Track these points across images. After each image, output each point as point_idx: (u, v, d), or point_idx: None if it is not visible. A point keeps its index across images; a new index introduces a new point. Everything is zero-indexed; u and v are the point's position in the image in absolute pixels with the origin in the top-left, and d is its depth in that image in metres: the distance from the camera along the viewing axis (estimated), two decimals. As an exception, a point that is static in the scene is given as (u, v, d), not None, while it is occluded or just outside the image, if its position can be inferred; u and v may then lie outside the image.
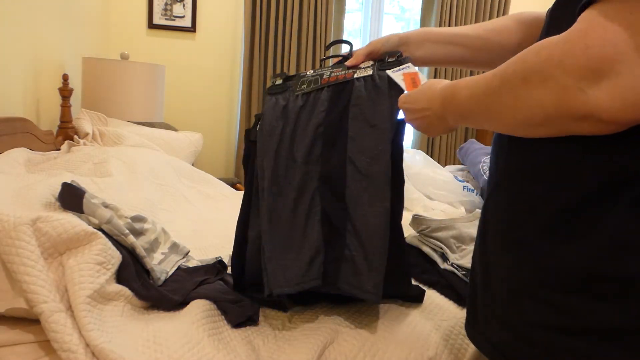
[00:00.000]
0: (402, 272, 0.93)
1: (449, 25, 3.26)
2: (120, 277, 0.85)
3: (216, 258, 1.03)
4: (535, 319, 0.54)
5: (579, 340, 0.50)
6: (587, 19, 0.44)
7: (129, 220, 0.98)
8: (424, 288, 1.05)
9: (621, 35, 0.42)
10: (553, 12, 0.58)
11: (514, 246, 0.57)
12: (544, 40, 0.48)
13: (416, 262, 1.16)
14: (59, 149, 1.77)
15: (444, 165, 3.35)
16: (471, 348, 0.85)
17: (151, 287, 0.87)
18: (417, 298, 0.97)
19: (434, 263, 1.14)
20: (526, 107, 0.49)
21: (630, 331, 0.47)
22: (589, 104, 0.44)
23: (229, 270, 1.03)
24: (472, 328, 0.68)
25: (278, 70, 3.09)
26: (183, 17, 2.99)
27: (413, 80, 0.86)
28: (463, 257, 1.12)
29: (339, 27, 3.20)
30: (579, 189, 0.51)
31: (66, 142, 1.77)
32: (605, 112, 0.43)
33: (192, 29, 3.01)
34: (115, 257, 0.85)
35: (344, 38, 3.25)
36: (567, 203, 0.52)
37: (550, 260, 0.53)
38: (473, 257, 0.70)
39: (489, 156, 1.38)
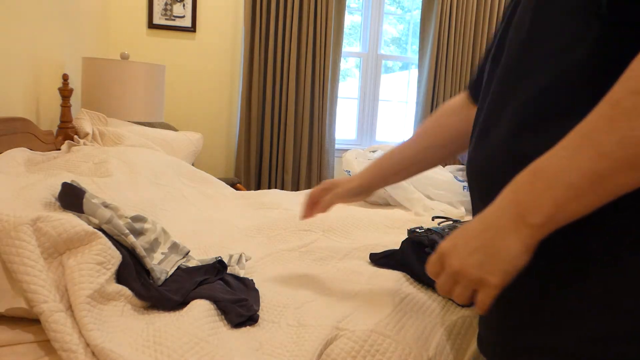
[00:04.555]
0: None
1: (449, 25, 3.26)
2: (120, 277, 0.85)
3: (216, 258, 1.03)
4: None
5: None
6: None
7: (129, 220, 0.98)
8: (423, 288, 1.05)
9: None
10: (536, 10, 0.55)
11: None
12: None
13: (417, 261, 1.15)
14: (59, 149, 1.77)
15: (444, 165, 3.35)
16: (471, 348, 0.85)
17: (151, 287, 0.87)
18: None
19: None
20: None
21: None
22: None
23: (230, 270, 1.03)
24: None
25: (278, 71, 3.09)
26: (183, 17, 2.99)
27: None
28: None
29: (339, 27, 3.20)
30: None
31: (66, 142, 1.77)
32: None
33: (192, 29, 3.01)
34: (115, 257, 0.84)
35: (344, 38, 3.25)
36: None
37: None
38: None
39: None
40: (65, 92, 1.94)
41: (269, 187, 3.21)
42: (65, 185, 0.93)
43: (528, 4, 0.57)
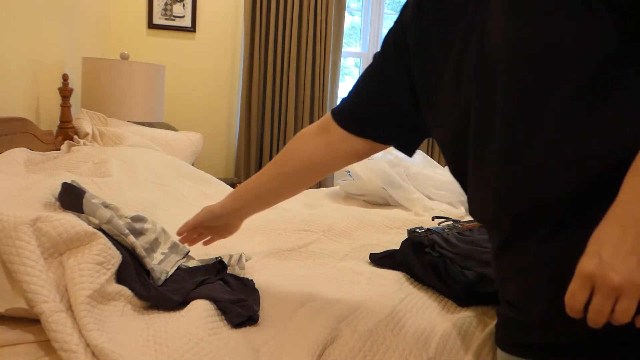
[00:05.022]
0: None
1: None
2: (120, 277, 0.85)
3: (216, 258, 1.03)
4: None
5: None
6: None
7: (129, 220, 0.98)
8: (423, 288, 1.05)
9: None
10: None
11: None
12: None
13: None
14: (59, 149, 1.77)
15: (444, 165, 3.35)
16: (471, 349, 0.85)
17: (151, 287, 0.87)
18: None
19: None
20: None
21: None
22: None
23: (229, 270, 1.03)
24: None
25: (278, 71, 3.10)
26: (183, 17, 2.99)
27: None
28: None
29: (339, 27, 3.20)
30: None
31: (66, 142, 1.77)
32: None
33: (192, 29, 3.01)
34: (115, 257, 0.84)
35: (344, 38, 3.25)
36: None
37: None
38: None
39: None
40: (65, 92, 1.94)
41: (269, 187, 3.20)
42: (65, 186, 0.93)
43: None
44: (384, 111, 0.84)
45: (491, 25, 0.62)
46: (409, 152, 0.89)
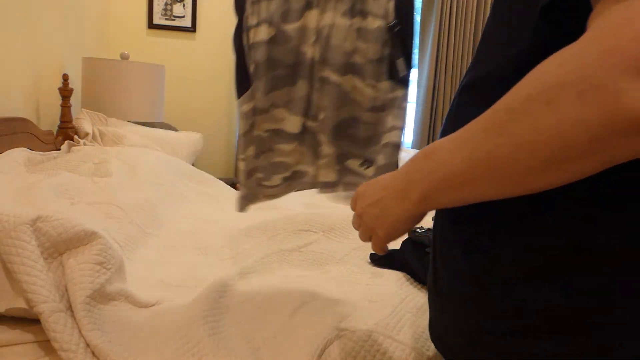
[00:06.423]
0: None
1: (449, 25, 3.26)
2: (121, 277, 0.85)
3: None
4: None
5: None
6: (625, 6, 0.35)
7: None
8: (424, 288, 1.05)
9: None
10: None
11: None
12: (562, 50, 0.38)
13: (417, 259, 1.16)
14: (59, 149, 1.77)
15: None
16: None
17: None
18: None
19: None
20: (555, 137, 0.37)
21: None
22: None
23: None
24: None
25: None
26: (183, 17, 2.99)
27: None
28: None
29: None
30: None
31: (66, 142, 1.77)
32: None
33: (192, 29, 3.01)
34: (115, 257, 0.84)
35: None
36: None
37: None
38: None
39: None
40: (65, 92, 1.94)
41: (269, 187, 3.20)
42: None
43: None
44: None
45: None
46: None
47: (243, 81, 0.91)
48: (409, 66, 0.91)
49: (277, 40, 0.87)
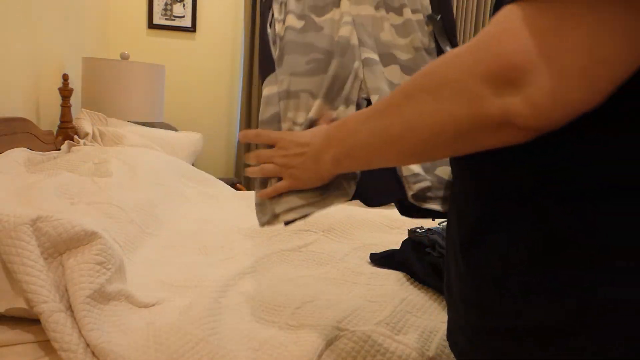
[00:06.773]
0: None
1: (449, 25, 3.26)
2: (121, 277, 0.85)
3: None
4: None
5: None
6: (505, 19, 0.41)
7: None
8: (424, 288, 1.05)
9: (533, 41, 0.39)
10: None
11: None
12: (455, 49, 0.45)
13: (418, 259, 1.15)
14: (59, 149, 1.77)
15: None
16: (471, 348, 0.85)
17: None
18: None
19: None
20: (434, 123, 0.45)
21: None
22: (504, 110, 0.41)
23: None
24: None
25: (278, 70, 3.09)
26: (183, 17, 2.99)
27: None
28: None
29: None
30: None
31: (66, 142, 1.77)
32: (520, 117, 0.40)
33: (192, 29, 3.01)
34: (115, 257, 0.84)
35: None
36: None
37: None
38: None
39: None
40: (65, 92, 1.94)
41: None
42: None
43: None
44: None
45: None
46: None
47: (269, 69, 0.91)
48: None
49: (307, 28, 0.85)
